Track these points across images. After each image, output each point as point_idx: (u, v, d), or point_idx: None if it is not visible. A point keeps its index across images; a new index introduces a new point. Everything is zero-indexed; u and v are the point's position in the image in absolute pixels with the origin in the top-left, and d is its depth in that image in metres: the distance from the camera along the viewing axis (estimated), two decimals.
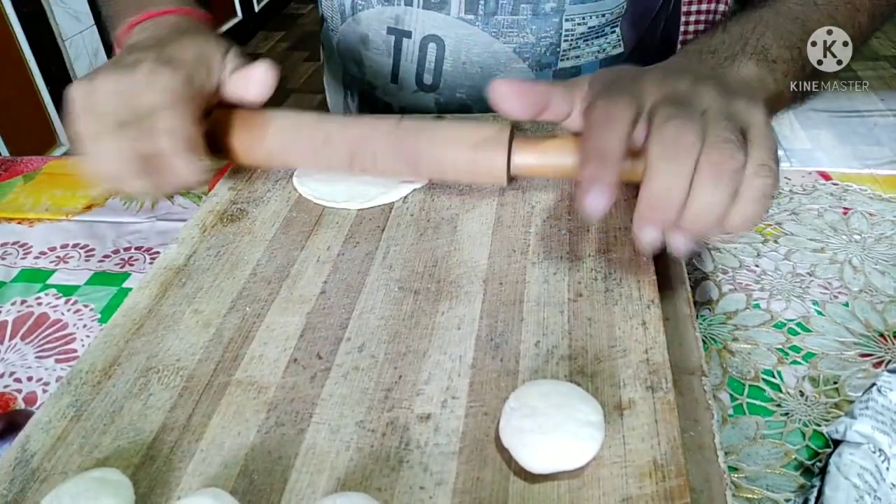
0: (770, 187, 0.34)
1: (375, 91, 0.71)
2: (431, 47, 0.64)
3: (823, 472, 0.34)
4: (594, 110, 0.37)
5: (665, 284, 0.40)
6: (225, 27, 3.15)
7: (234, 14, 3.25)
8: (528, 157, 0.42)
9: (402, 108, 0.70)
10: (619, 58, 0.65)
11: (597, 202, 0.34)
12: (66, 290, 0.51)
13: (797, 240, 0.52)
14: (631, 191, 0.41)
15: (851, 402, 0.39)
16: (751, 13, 0.45)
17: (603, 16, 0.62)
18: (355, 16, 0.66)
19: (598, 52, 0.64)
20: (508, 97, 0.40)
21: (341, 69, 0.74)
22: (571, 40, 0.63)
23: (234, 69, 0.47)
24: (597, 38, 0.63)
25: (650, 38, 0.66)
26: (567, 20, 0.61)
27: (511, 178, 0.43)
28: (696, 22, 0.71)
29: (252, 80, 0.46)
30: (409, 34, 0.64)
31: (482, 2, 0.61)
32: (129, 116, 0.41)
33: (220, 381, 0.35)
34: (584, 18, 0.61)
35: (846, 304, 0.46)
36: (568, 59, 0.64)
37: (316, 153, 0.45)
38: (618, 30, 0.63)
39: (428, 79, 0.66)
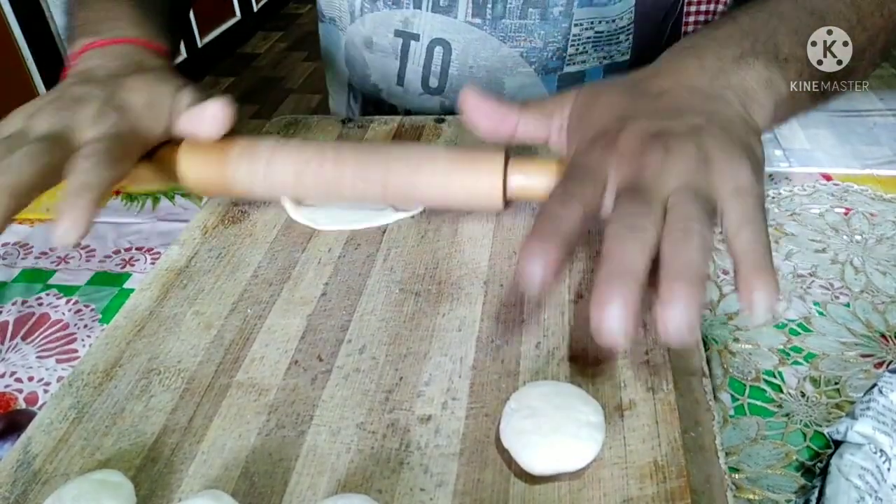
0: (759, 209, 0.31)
1: (380, 93, 0.71)
2: (438, 50, 0.64)
3: (824, 472, 0.34)
4: (554, 190, 0.34)
5: None
6: (224, 27, 3.15)
7: (233, 14, 3.25)
8: (525, 180, 0.40)
9: (407, 110, 0.70)
10: (625, 65, 0.65)
11: (534, 269, 0.30)
12: (67, 291, 0.51)
13: (798, 240, 0.52)
14: None
15: (852, 402, 0.39)
16: (767, 2, 0.42)
17: (612, 21, 0.61)
18: (362, 17, 0.66)
19: (605, 57, 0.64)
20: (476, 110, 0.40)
21: (346, 70, 0.74)
22: (578, 45, 0.62)
23: (188, 106, 0.44)
24: (606, 44, 0.63)
25: (656, 44, 0.65)
26: (576, 25, 0.61)
27: (507, 203, 0.41)
28: (696, 23, 0.71)
29: (204, 120, 0.43)
30: (416, 37, 0.64)
31: (490, 6, 0.61)
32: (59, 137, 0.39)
33: (221, 382, 0.35)
34: (592, 24, 0.61)
35: (847, 305, 0.46)
36: (574, 63, 0.63)
37: (299, 181, 0.43)
38: (629, 37, 0.63)
39: (434, 82, 0.66)
